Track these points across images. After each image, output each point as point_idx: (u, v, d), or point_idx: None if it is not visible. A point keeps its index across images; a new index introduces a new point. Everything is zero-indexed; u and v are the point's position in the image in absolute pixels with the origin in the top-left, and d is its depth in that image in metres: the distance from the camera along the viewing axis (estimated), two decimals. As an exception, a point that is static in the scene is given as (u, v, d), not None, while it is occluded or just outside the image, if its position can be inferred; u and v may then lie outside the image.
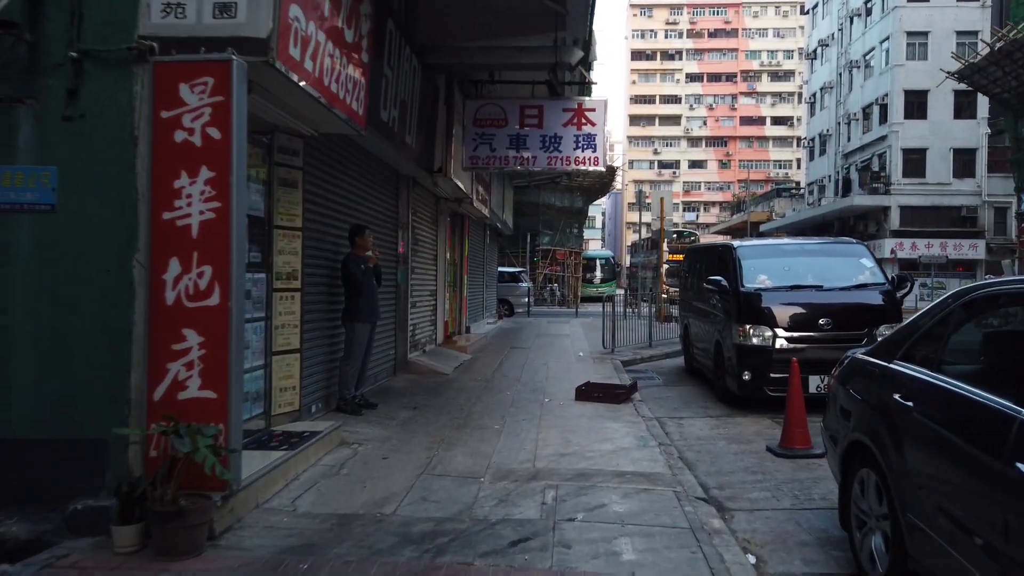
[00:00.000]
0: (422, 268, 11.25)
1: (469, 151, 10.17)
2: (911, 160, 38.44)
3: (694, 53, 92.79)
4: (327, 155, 6.94)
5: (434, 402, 8.02)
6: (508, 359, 12.19)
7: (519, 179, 21.94)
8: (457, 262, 14.73)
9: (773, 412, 8.09)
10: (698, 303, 10.65)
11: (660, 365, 12.80)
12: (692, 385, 10.39)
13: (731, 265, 8.75)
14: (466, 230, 15.09)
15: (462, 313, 14.88)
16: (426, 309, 11.60)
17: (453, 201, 12.57)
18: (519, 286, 25.25)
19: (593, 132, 10.04)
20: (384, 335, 9.26)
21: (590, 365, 11.60)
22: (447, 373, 10.07)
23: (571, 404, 8.16)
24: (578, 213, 40.13)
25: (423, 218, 11.35)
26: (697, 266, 11.27)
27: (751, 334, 8.09)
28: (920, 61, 38.40)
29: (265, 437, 5.29)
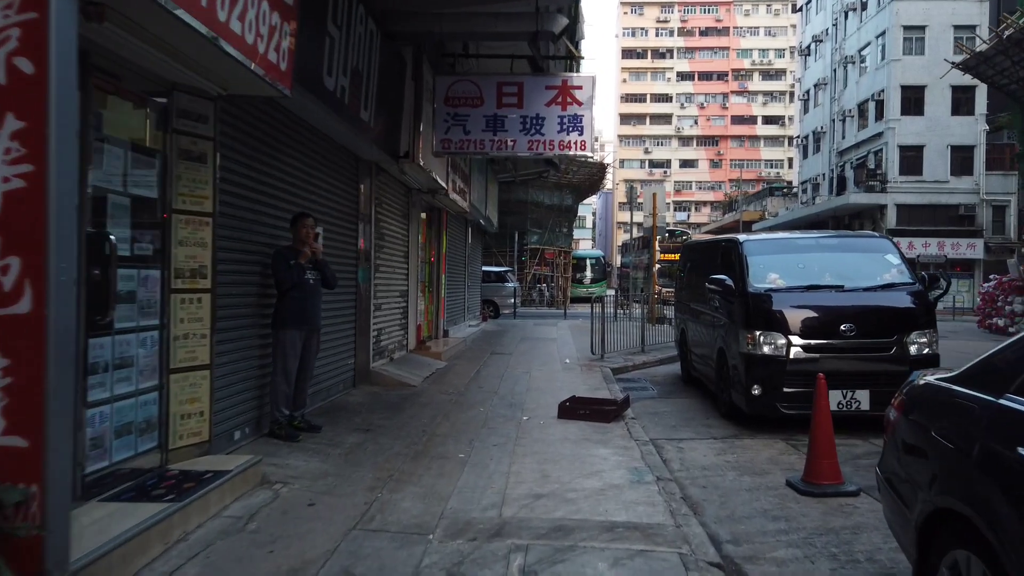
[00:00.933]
0: (389, 266, 10.08)
1: (440, 134, 9.00)
2: (908, 157, 37.56)
3: (685, 51, 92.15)
4: (258, 127, 5.76)
5: (392, 422, 6.84)
6: (487, 367, 11.03)
7: (504, 173, 20.78)
8: (433, 260, 13.56)
9: (787, 432, 6.97)
10: (697, 305, 9.53)
11: (654, 373, 11.67)
12: (691, 397, 9.26)
13: (737, 262, 7.62)
14: (444, 226, 13.92)
15: (439, 316, 13.71)
16: (395, 312, 10.42)
17: (426, 193, 11.39)
18: (505, 286, 24.09)
19: (580, 112, 8.90)
20: (340, 343, 8.08)
21: (577, 374, 10.45)
22: (414, 385, 8.90)
23: (553, 423, 7.00)
24: (567, 211, 39.01)
25: (391, 211, 10.17)
26: (696, 264, 10.15)
27: (761, 342, 6.97)
28: (917, 56, 37.56)
29: (152, 480, 4.11)
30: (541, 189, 36.02)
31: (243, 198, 5.56)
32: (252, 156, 5.71)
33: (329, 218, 7.65)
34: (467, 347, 13.65)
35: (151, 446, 4.35)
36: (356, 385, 8.59)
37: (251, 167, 5.71)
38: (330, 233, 7.66)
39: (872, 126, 39.50)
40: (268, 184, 6.03)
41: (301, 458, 5.37)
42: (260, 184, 5.87)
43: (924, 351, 6.86)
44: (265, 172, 5.97)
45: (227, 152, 5.22)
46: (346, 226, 8.25)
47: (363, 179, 8.71)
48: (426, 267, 12.88)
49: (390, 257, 10.11)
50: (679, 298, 11.30)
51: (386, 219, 9.83)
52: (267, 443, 5.67)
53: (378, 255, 9.43)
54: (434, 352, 11.34)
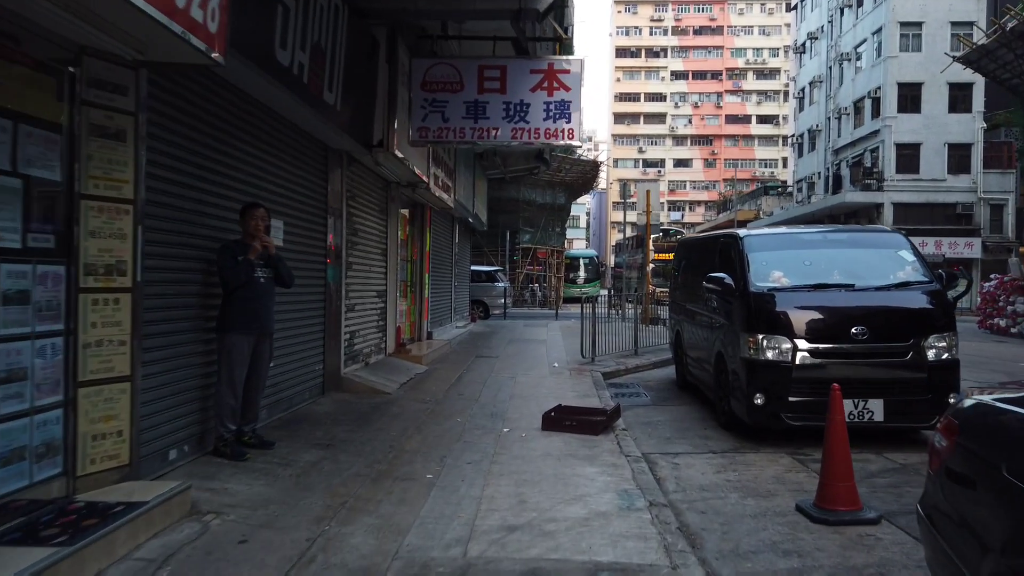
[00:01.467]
0: (364, 264, 9.42)
1: (417, 122, 8.34)
2: (904, 155, 37.10)
3: (679, 50, 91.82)
4: (202, 106, 5.10)
5: (358, 435, 6.18)
6: (470, 371, 10.37)
7: (493, 170, 20.14)
8: (416, 259, 12.90)
9: (793, 445, 6.36)
10: (693, 306, 8.91)
11: (647, 377, 11.04)
12: (687, 404, 8.63)
13: (737, 259, 6.99)
14: (427, 222, 13.27)
15: (422, 317, 13.05)
16: (371, 313, 9.76)
17: (406, 187, 10.74)
18: (495, 286, 23.44)
19: (567, 98, 8.26)
20: (307, 346, 7.43)
21: (565, 379, 9.81)
22: (389, 392, 8.24)
23: (536, 435, 6.36)
24: (560, 210, 38.39)
25: (366, 205, 9.51)
26: (691, 261, 9.53)
27: (764, 346, 6.34)
28: (914, 53, 37.12)
29: (48, 516, 3.44)
30: (533, 187, 35.38)
31: (183, 185, 4.90)
32: (195, 139, 5.06)
33: (292, 211, 6.99)
34: (451, 350, 13.00)
35: (54, 473, 3.70)
36: (325, 393, 7.93)
37: (194, 151, 5.05)
38: (294, 228, 7.01)
39: (868, 124, 39.03)
40: (216, 171, 5.37)
41: (244, 481, 4.71)
42: (206, 171, 5.21)
43: (943, 356, 6.24)
44: (212, 158, 5.31)
45: (161, 132, 4.57)
46: (313, 220, 7.59)
47: (333, 170, 8.05)
48: (408, 266, 12.22)
49: (365, 255, 9.45)
50: (673, 298, 10.69)
51: (360, 214, 9.17)
52: (209, 463, 5.02)
53: (351, 252, 8.78)
54: (414, 356, 10.68)
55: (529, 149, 18.91)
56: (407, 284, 12.19)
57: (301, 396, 7.31)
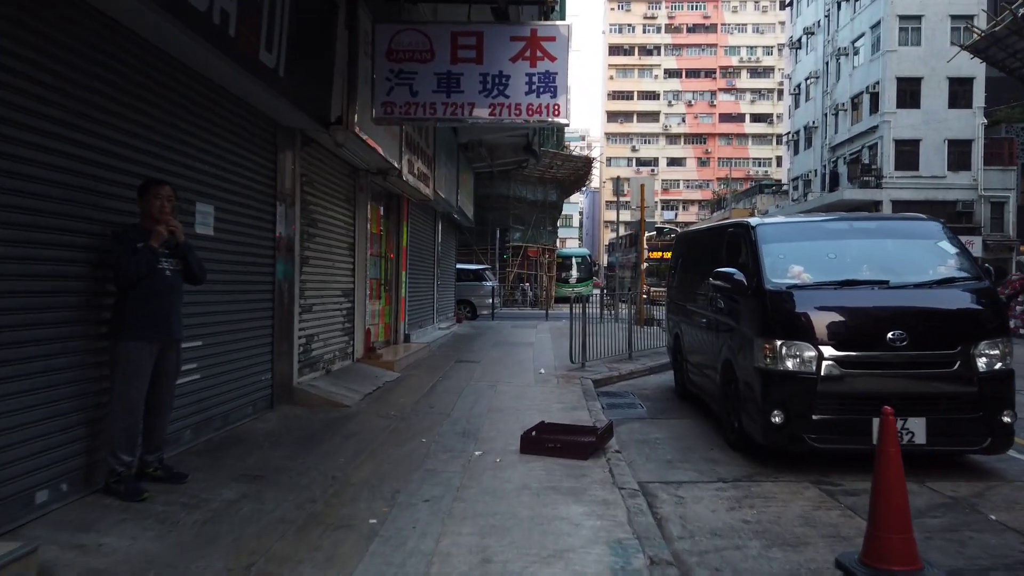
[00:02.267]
0: (325, 259, 8.38)
1: (382, 96, 7.29)
2: (903, 152, 36.26)
3: (672, 48, 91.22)
4: (91, 58, 4.05)
5: (298, 462, 5.15)
6: (447, 379, 9.34)
7: (479, 162, 19.10)
8: (392, 255, 11.86)
9: (817, 470, 5.38)
10: (694, 307, 7.91)
11: (643, 385, 10.04)
12: (688, 417, 7.64)
13: (749, 252, 5.99)
14: (405, 216, 12.22)
15: (398, 318, 12.01)
16: (333, 314, 8.72)
17: (376, 174, 9.69)
18: (482, 285, 22.41)
19: (553, 69, 7.24)
20: (250, 353, 6.40)
21: (552, 388, 8.79)
22: (348, 405, 7.20)
23: (513, 460, 5.35)
24: (552, 208, 37.40)
25: (328, 193, 8.47)
26: (693, 257, 8.54)
27: (784, 354, 5.34)
28: (913, 47, 36.28)
29: None
30: (524, 184, 34.39)
31: (59, 153, 3.86)
32: (85, 100, 4.02)
33: (229, 195, 5.95)
34: (430, 354, 11.96)
35: None
36: (274, 406, 6.89)
37: (82, 114, 4.01)
38: (230, 215, 5.97)
39: (866, 119, 38.18)
40: (114, 140, 4.32)
41: (129, 532, 3.66)
42: (97, 139, 4.16)
43: (996, 366, 5.25)
44: (109, 124, 4.27)
45: (19, 87, 3.53)
46: (258, 208, 6.55)
47: (283, 150, 7.00)
48: (381, 262, 11.18)
49: (327, 248, 8.41)
50: (671, 298, 9.69)
51: (320, 202, 8.12)
52: (94, 506, 3.97)
53: (308, 245, 7.74)
54: (385, 361, 9.64)
55: (516, 140, 17.90)
56: (380, 282, 11.15)
57: (241, 411, 6.26)
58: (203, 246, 5.41)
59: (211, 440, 5.56)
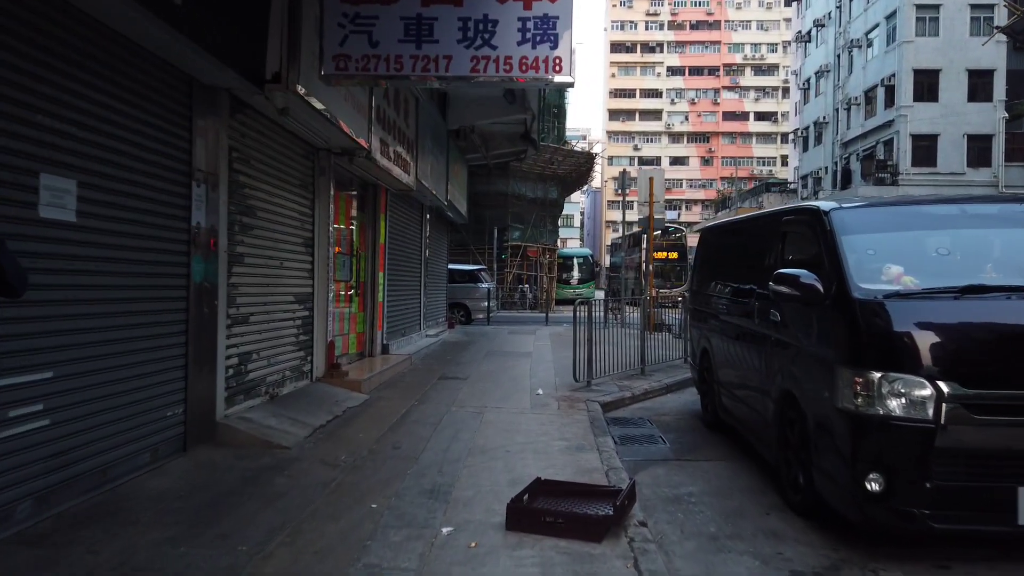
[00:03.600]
0: (269, 257, 6.74)
1: (333, 47, 5.66)
2: (921, 147, 34.63)
3: (675, 46, 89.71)
4: None
5: (173, 556, 3.50)
6: (424, 403, 7.70)
7: (472, 154, 17.44)
8: (367, 253, 10.23)
9: (932, 556, 3.72)
10: (732, 316, 6.28)
11: (660, 408, 8.40)
12: (725, 457, 6.00)
13: (824, 246, 4.34)
14: (383, 208, 10.58)
15: (375, 326, 10.37)
16: (282, 325, 7.08)
17: (341, 155, 8.06)
18: (478, 287, 20.75)
19: (553, 13, 5.60)
20: (147, 381, 4.76)
21: (552, 415, 7.14)
22: (287, 446, 5.56)
23: (495, 544, 3.71)
24: (553, 206, 35.73)
25: (273, 175, 6.83)
26: (725, 255, 6.91)
27: (884, 392, 3.70)
28: (931, 37, 34.64)
29: None
30: (523, 180, 32.77)
31: None
32: None
33: (107, 168, 4.32)
34: (410, 368, 10.31)
35: None
36: (187, 449, 5.25)
37: None
38: (109, 195, 4.35)
39: (881, 114, 36.53)
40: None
41: None
42: None
43: None
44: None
45: None
46: (161, 187, 4.91)
47: (204, 116, 5.37)
48: (352, 262, 9.55)
49: (271, 244, 6.77)
50: (695, 305, 8.04)
51: (261, 186, 6.48)
52: None
53: (242, 239, 6.10)
54: (351, 380, 8.00)
55: (513, 128, 16.24)
56: (351, 285, 9.52)
57: (133, 461, 4.63)
58: (54, 236, 3.79)
59: (67, 512, 3.91)
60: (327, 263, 8.04)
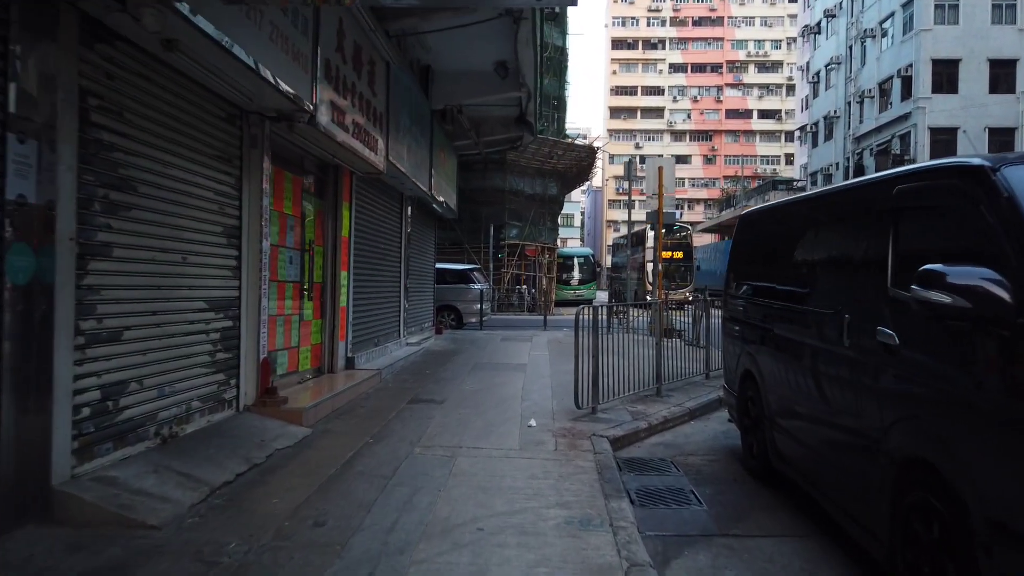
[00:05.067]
0: (163, 249, 4.96)
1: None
2: (939, 141, 32.88)
3: (677, 42, 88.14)
4: None
5: None
6: (381, 441, 5.92)
7: (463, 140, 15.65)
8: (324, 247, 8.47)
9: None
10: (798, 331, 4.50)
11: (685, 442, 6.63)
12: (790, 532, 4.23)
13: (1004, 228, 2.57)
14: (346, 194, 8.81)
15: (336, 337, 8.60)
16: (187, 342, 5.30)
17: (276, 119, 6.27)
18: (470, 288, 18.96)
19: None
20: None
21: (547, 460, 5.36)
22: (155, 525, 3.78)
23: None
24: (552, 202, 33.92)
25: (170, 137, 5.05)
26: (791, 244, 5.14)
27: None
28: (950, 26, 32.95)
29: None
30: (521, 176, 31.00)
31: None
32: None
33: None
34: (376, 387, 8.54)
35: None
36: (7, 531, 3.48)
37: None
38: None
39: (897, 106, 34.79)
40: None
41: None
42: None
43: None
44: None
45: None
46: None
47: (27, 40, 3.61)
48: (305, 258, 7.78)
49: (166, 232, 4.99)
50: (736, 312, 6.25)
51: (143, 150, 4.71)
52: None
53: (108, 222, 4.33)
54: (290, 410, 6.23)
55: (506, 112, 14.48)
56: (303, 287, 7.75)
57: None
58: None
59: None
60: (261, 259, 6.27)
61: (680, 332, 12.54)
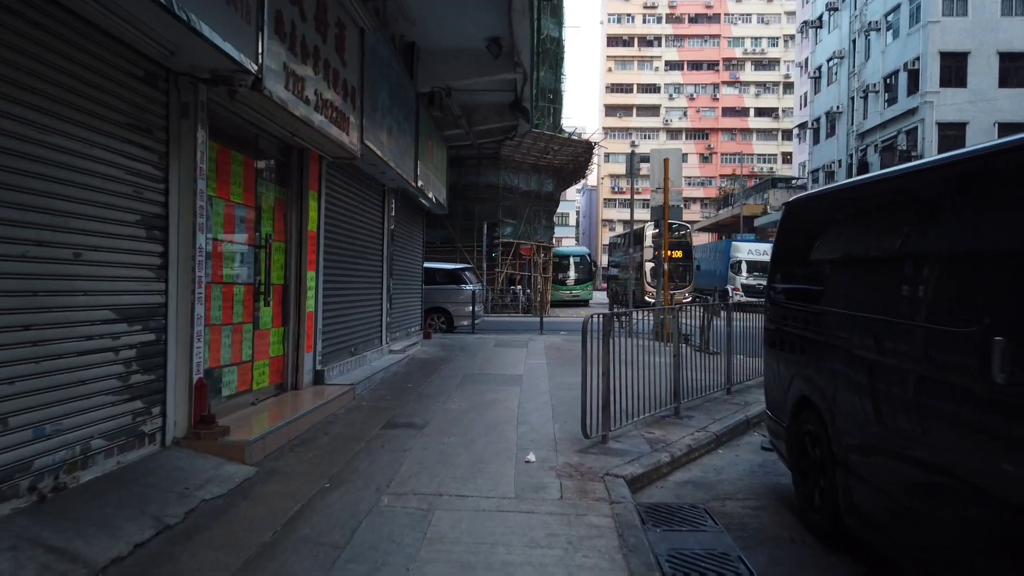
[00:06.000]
0: (37, 242, 3.74)
1: None
2: (948, 136, 31.78)
3: (674, 39, 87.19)
4: None
5: None
6: (337, 489, 4.69)
7: (454, 130, 14.41)
8: (286, 243, 7.24)
9: None
10: (891, 354, 3.31)
11: (716, 478, 5.44)
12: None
13: None
14: (314, 181, 7.58)
15: (301, 347, 7.37)
16: (82, 363, 4.07)
17: (213, 83, 5.04)
18: (461, 289, 17.73)
19: None
20: None
21: (550, 520, 4.15)
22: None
23: None
24: (548, 200, 32.74)
25: (41, 91, 3.83)
26: (874, 239, 3.94)
27: None
28: (959, 18, 31.88)
29: None
30: (516, 171, 29.82)
31: None
32: None
33: None
34: (348, 407, 7.32)
35: None
36: None
37: None
38: None
39: (903, 101, 33.70)
40: None
41: None
42: None
43: None
44: None
45: None
46: None
47: None
48: (262, 255, 6.55)
49: (41, 219, 3.77)
50: (780, 322, 5.05)
51: (11, 111, 3.49)
52: None
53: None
54: (231, 444, 5.00)
55: (500, 97, 13.26)
56: (259, 290, 6.52)
57: None
58: None
59: None
60: (195, 255, 5.04)
61: (687, 336, 11.35)
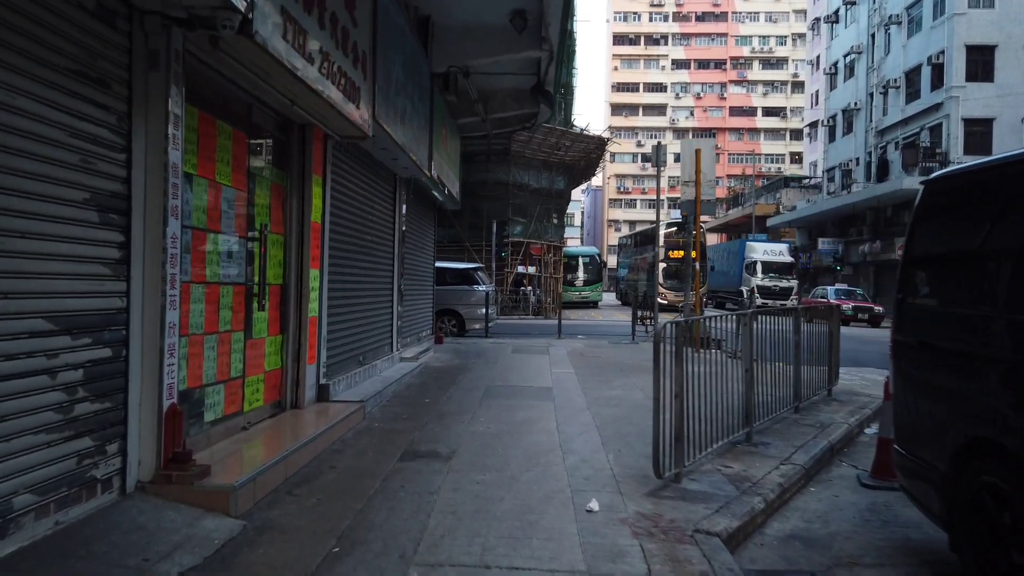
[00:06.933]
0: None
1: None
2: (974, 132, 30.66)
3: (680, 38, 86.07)
4: None
5: None
6: (350, 555, 3.55)
7: (469, 117, 13.26)
8: (286, 236, 6.11)
9: None
10: None
11: (826, 531, 4.29)
12: None
13: None
14: (318, 164, 6.45)
15: (303, 358, 6.24)
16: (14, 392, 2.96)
17: (190, 25, 3.91)
18: (474, 290, 16.60)
19: None
20: None
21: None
22: None
23: None
24: (558, 197, 31.63)
25: None
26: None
27: None
28: (986, 9, 30.72)
29: None
30: (526, 168, 28.69)
31: None
32: None
33: None
34: (357, 431, 6.19)
35: None
36: None
37: None
38: None
39: (926, 96, 32.51)
40: None
41: None
42: None
43: None
44: None
45: None
46: None
47: None
48: (255, 248, 5.42)
49: None
50: (925, 335, 3.89)
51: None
52: None
53: None
54: (210, 489, 3.87)
55: (521, 80, 12.12)
56: (251, 291, 5.40)
57: None
58: None
59: None
60: (165, 246, 3.91)
61: (719, 342, 10.19)
